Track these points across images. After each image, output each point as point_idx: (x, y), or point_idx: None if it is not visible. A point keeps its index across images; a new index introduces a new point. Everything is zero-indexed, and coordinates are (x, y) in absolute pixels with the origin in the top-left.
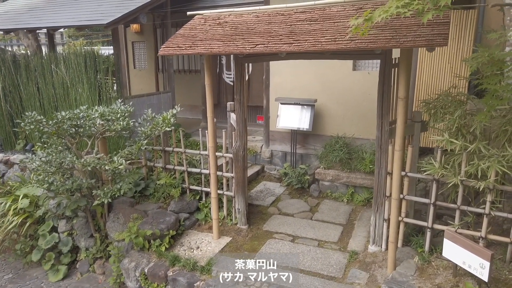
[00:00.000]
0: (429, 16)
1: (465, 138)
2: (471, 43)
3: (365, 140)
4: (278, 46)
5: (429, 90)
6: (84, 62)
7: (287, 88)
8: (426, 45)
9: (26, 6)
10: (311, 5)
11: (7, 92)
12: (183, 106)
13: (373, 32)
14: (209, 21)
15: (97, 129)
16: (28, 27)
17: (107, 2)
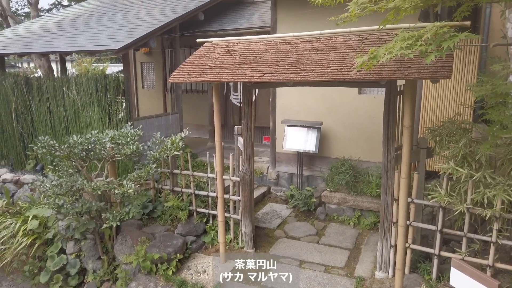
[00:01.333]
0: (432, 58)
1: (471, 166)
2: (475, 70)
3: (371, 163)
4: (285, 75)
5: (435, 117)
6: (95, 85)
7: (294, 110)
8: (430, 77)
9: (39, 29)
10: (317, 35)
11: (19, 113)
12: (190, 125)
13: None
14: (218, 49)
15: (107, 153)
16: (41, 51)
17: (118, 27)
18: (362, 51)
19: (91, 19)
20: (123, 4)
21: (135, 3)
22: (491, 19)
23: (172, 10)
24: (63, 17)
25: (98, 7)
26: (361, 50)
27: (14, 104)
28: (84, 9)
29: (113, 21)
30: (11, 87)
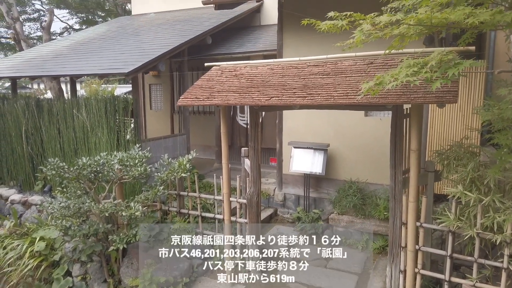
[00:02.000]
0: (437, 85)
1: (480, 190)
2: (482, 93)
3: (378, 186)
4: (291, 99)
5: (442, 139)
6: (105, 107)
7: (300, 132)
8: (436, 101)
9: (51, 52)
10: (323, 59)
11: (29, 135)
12: (197, 146)
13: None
14: (225, 73)
15: (115, 175)
16: (53, 75)
17: (128, 50)
18: (367, 75)
19: (102, 43)
20: (133, 28)
21: (145, 27)
22: (496, 42)
23: (181, 34)
24: (74, 41)
25: (108, 31)
26: (367, 74)
27: (25, 125)
28: (95, 33)
29: (123, 45)
30: (22, 109)
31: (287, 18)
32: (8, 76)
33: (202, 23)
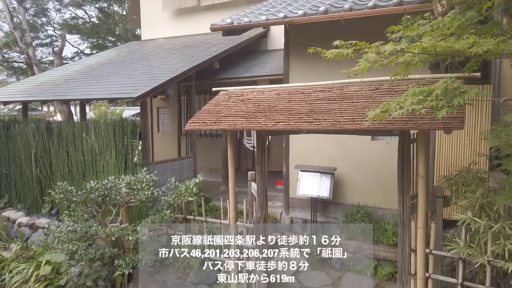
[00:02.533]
0: (443, 113)
1: (489, 217)
2: (489, 117)
3: (386, 210)
4: (298, 124)
5: (450, 164)
6: (113, 131)
7: (307, 155)
8: (443, 128)
9: (62, 77)
10: (329, 85)
11: (38, 158)
12: (203, 168)
13: None
14: (232, 97)
15: (123, 198)
16: (63, 99)
17: (137, 75)
18: (374, 101)
19: (112, 67)
20: (142, 53)
21: (154, 52)
22: (501, 67)
23: (189, 60)
24: (85, 66)
25: (118, 55)
26: (373, 100)
27: (34, 148)
28: (105, 57)
29: (132, 70)
30: (33, 132)
31: (293, 44)
32: (19, 100)
33: (210, 48)
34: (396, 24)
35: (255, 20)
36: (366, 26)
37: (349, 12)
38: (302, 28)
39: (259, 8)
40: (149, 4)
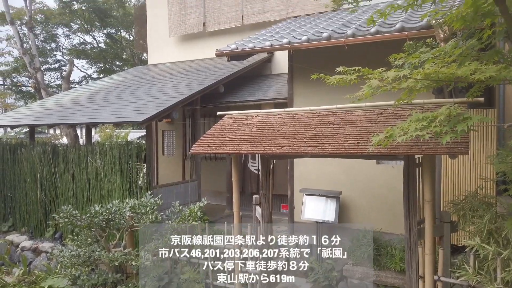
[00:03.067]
0: (447, 139)
1: (498, 243)
2: (494, 141)
3: (393, 235)
4: (302, 148)
5: (456, 188)
6: (118, 154)
7: (312, 178)
8: (448, 153)
9: (69, 101)
10: (333, 109)
11: (43, 181)
12: (207, 191)
13: None
14: (237, 121)
15: (127, 222)
16: (70, 123)
17: (143, 99)
18: (378, 125)
19: (118, 91)
20: (149, 77)
21: (160, 76)
22: (505, 90)
23: (194, 84)
24: (92, 90)
25: (125, 80)
26: (377, 124)
27: (40, 172)
28: (111, 82)
29: (138, 94)
30: (39, 156)
31: (297, 69)
32: (26, 124)
33: (215, 72)
34: (399, 49)
35: (260, 46)
36: (369, 51)
37: (352, 38)
38: (306, 53)
39: (264, 34)
40: (156, 30)
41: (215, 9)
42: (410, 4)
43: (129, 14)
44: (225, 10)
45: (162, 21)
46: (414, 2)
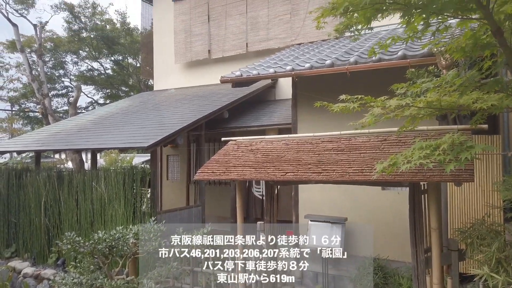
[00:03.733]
0: (451, 167)
1: (507, 272)
2: (500, 167)
3: (401, 263)
4: (307, 175)
5: (464, 215)
6: (123, 179)
7: (317, 204)
8: (453, 180)
9: (75, 126)
10: (337, 135)
11: (48, 206)
12: (212, 217)
13: None
14: (241, 147)
15: (130, 249)
16: (76, 148)
17: (149, 125)
18: (382, 152)
19: (124, 117)
20: (154, 103)
21: (165, 102)
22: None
23: (199, 109)
24: (98, 115)
25: (130, 106)
26: (381, 151)
27: (45, 197)
28: (117, 107)
29: (144, 119)
30: (44, 181)
31: (300, 95)
32: (33, 149)
33: (220, 98)
34: (401, 75)
35: (264, 73)
36: (372, 77)
37: (354, 65)
38: (309, 80)
39: (268, 61)
40: (162, 57)
41: (220, 37)
42: (410, 36)
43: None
44: (230, 38)
45: (168, 48)
46: (414, 34)
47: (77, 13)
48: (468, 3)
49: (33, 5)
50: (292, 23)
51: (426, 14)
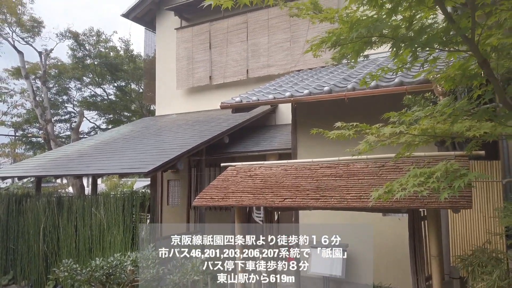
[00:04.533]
0: (445, 195)
1: None
2: (500, 193)
3: None
4: (305, 201)
5: (465, 242)
6: (122, 205)
7: (317, 229)
8: (451, 207)
9: (76, 151)
10: (335, 161)
11: (47, 233)
12: None
13: None
14: (240, 173)
15: (127, 277)
16: (76, 174)
17: (149, 150)
18: (380, 178)
19: (125, 142)
20: (156, 128)
21: (167, 127)
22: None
23: (200, 135)
24: (99, 141)
25: (132, 131)
26: (379, 177)
27: (44, 223)
28: (119, 133)
29: (145, 145)
30: (43, 207)
31: (300, 121)
32: (33, 175)
33: (220, 123)
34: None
35: (263, 99)
36: (371, 103)
37: (352, 92)
38: (308, 106)
39: (267, 87)
40: (164, 83)
41: (222, 64)
42: (399, 67)
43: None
44: (231, 64)
45: (171, 75)
46: (403, 65)
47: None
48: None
49: (39, 34)
50: (291, 50)
51: (413, 47)
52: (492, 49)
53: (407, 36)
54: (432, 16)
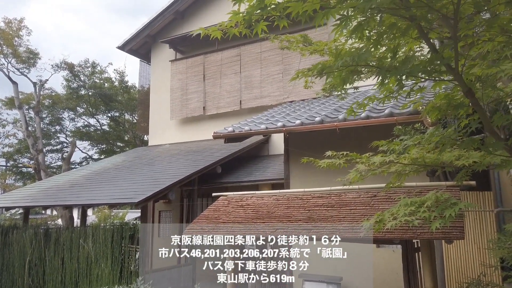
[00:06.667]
0: (436, 225)
1: None
2: (494, 224)
3: None
4: (297, 232)
5: (460, 273)
6: (111, 237)
7: (311, 262)
8: (443, 238)
9: (67, 182)
10: (327, 191)
11: (32, 266)
12: (203, 275)
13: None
14: (232, 203)
15: None
16: (66, 204)
17: (141, 180)
18: (372, 208)
19: (117, 172)
20: (148, 158)
21: (159, 157)
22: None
23: (192, 164)
24: (91, 171)
25: (124, 161)
26: (371, 207)
27: (30, 256)
28: (111, 163)
29: (137, 174)
30: (30, 239)
31: (292, 151)
32: (22, 205)
33: (213, 153)
34: (389, 131)
35: (255, 129)
36: (361, 132)
37: (343, 122)
38: (301, 136)
39: (260, 117)
40: (158, 113)
41: (215, 95)
42: (385, 96)
43: (133, 99)
44: (225, 95)
45: (165, 105)
46: (390, 94)
47: (77, 72)
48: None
49: (35, 65)
50: (284, 82)
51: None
52: (477, 78)
53: (393, 66)
54: (418, 47)
